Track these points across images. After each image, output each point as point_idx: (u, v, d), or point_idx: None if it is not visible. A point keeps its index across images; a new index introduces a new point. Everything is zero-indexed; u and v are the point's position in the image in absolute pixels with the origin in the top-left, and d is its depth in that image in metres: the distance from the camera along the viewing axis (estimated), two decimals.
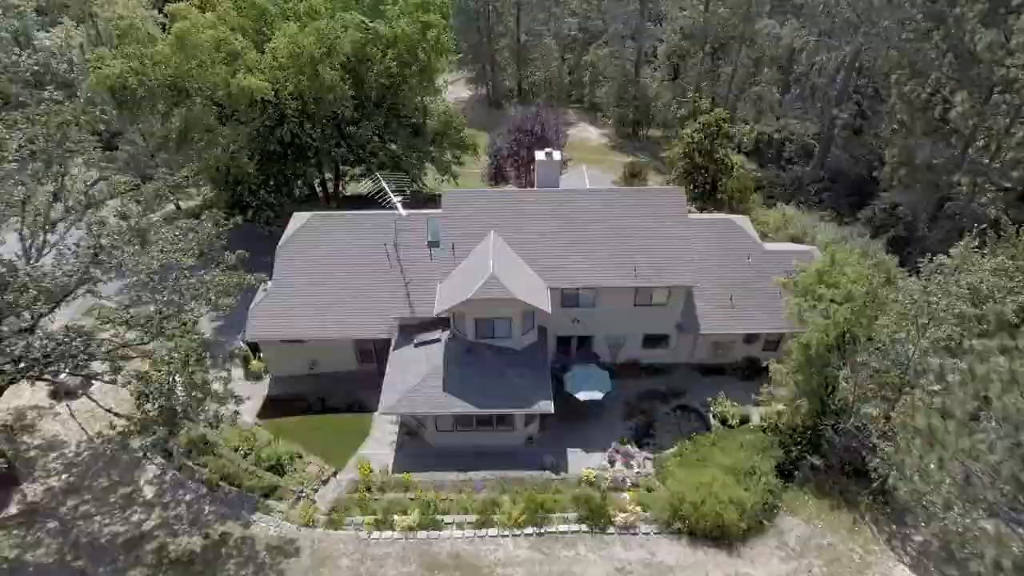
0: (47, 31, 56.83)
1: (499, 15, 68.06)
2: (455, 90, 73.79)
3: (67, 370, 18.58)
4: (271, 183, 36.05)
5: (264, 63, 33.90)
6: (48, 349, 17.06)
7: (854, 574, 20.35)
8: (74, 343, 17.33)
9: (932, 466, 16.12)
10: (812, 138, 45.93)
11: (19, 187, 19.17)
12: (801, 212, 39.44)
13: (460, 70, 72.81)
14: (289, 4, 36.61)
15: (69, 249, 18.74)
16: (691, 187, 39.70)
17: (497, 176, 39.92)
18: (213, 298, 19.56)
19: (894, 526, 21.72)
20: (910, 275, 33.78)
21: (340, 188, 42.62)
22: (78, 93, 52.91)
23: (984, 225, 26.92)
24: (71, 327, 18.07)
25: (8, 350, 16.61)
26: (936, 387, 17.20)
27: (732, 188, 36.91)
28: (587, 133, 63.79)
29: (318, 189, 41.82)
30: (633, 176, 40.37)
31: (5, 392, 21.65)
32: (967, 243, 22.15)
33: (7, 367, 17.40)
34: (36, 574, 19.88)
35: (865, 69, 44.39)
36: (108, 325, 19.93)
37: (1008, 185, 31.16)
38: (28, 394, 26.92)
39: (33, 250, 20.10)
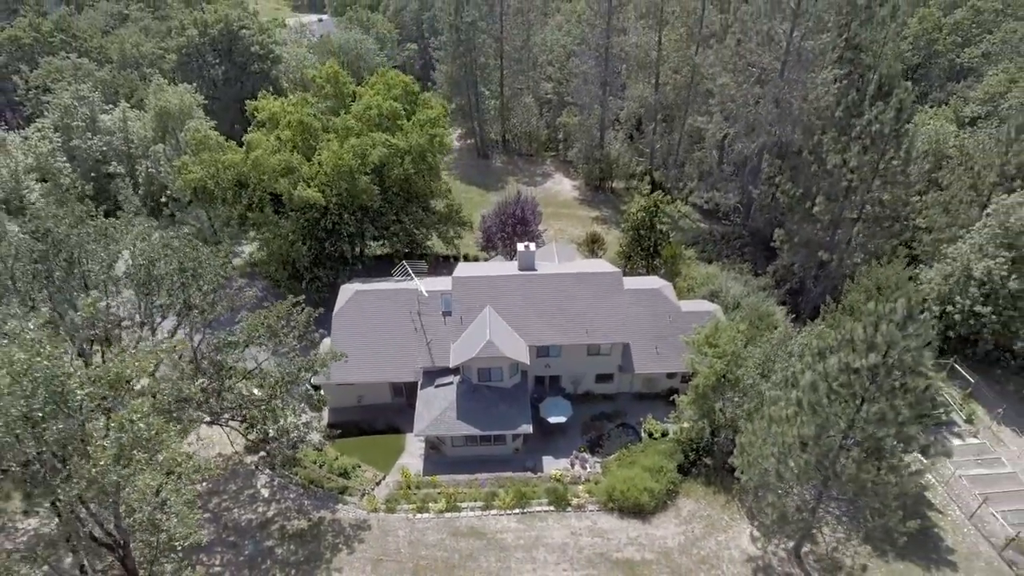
0: (106, 111, 67.15)
1: (486, 80, 79.76)
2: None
3: (232, 418, 29.94)
4: (317, 259, 47.44)
5: (313, 171, 45.29)
6: (235, 404, 28.46)
7: (721, 532, 32.35)
8: (244, 401, 28.73)
9: (746, 465, 28.11)
10: (736, 204, 58.08)
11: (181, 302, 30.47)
12: (721, 269, 51.41)
13: (452, 126, 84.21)
14: (330, 122, 48.05)
15: (230, 344, 30.09)
16: (638, 249, 51.61)
17: (488, 246, 51.54)
18: (317, 368, 31.08)
19: (750, 503, 33.71)
20: (795, 321, 46.36)
21: (363, 253, 54.11)
22: (137, 168, 64.12)
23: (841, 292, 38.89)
24: (240, 391, 29.43)
25: (215, 408, 28.01)
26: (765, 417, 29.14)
27: (666, 255, 48.89)
28: (561, 185, 75.31)
29: (347, 254, 53.22)
30: (594, 242, 52.29)
31: None
32: (785, 327, 34.16)
33: (196, 415, 28.77)
34: (204, 548, 31.22)
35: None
36: (242, 385, 31.37)
37: (858, 260, 43.43)
38: None
39: (194, 338, 31.42)
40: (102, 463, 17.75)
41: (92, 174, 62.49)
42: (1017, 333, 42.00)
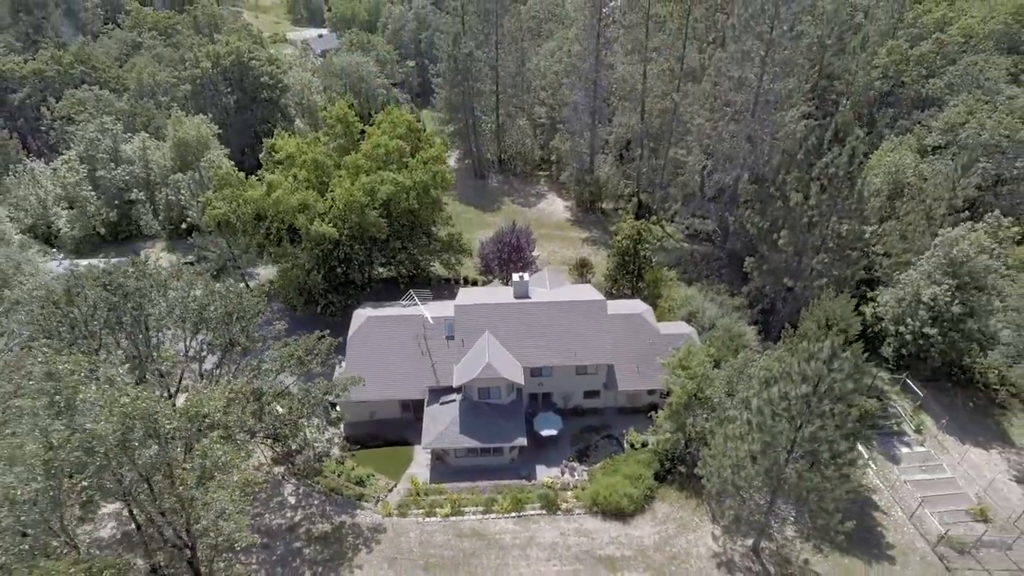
0: (127, 139, 71.51)
1: (483, 105, 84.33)
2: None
3: (266, 436, 34.54)
4: (330, 286, 52.03)
5: (326, 206, 49.85)
6: (269, 424, 33.13)
7: (691, 532, 37.10)
8: (276, 420, 33.42)
9: (708, 474, 32.85)
10: (715, 228, 62.90)
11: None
12: (700, 290, 56.15)
13: (450, 148, 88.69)
14: (342, 160, 52.65)
15: (265, 371, 34.71)
16: (624, 273, 56.29)
17: (486, 270, 56.24)
18: (339, 393, 35.76)
19: (714, 507, 38.43)
20: (765, 340, 51.10)
21: (371, 279, 58.71)
22: (157, 195, 68.46)
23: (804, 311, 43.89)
24: (272, 412, 34.08)
25: (254, 428, 32.68)
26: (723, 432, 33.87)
27: (649, 279, 53.63)
28: (554, 206, 79.74)
29: (357, 280, 57.78)
30: (583, 266, 57.07)
31: None
32: (745, 354, 38.89)
33: (239, 436, 33.37)
34: (242, 549, 35.73)
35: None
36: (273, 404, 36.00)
37: (821, 284, 48.22)
38: None
39: (231, 368, 36.02)
40: (188, 482, 22.30)
41: (116, 201, 67.03)
42: (962, 352, 46.94)
